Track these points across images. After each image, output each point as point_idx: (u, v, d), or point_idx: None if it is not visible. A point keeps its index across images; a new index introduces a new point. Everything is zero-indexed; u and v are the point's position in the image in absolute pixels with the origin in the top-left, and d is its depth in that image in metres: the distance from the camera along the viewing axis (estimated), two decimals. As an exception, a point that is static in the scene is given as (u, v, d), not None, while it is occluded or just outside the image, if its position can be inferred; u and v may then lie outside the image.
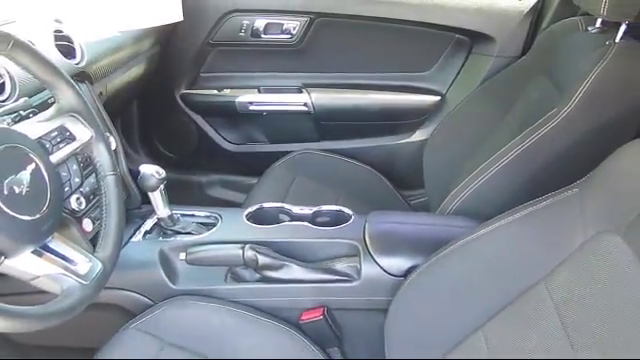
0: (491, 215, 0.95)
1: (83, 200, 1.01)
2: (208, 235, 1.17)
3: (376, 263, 1.08)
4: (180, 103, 1.93)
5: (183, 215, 1.23)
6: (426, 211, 1.64)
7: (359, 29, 1.81)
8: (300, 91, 1.89)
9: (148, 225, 1.22)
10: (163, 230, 1.20)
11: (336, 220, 1.20)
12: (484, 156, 1.23)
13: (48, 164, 0.80)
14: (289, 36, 1.81)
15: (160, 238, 1.19)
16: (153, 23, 1.40)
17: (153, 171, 1.12)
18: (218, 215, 1.23)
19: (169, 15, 1.41)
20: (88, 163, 1.02)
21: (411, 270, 1.03)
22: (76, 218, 0.99)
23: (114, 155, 0.95)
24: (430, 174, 1.65)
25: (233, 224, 1.20)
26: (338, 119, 1.92)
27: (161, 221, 1.19)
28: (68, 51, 1.23)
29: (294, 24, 1.79)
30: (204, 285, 1.12)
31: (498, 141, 1.25)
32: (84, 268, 0.81)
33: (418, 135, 1.87)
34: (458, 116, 1.65)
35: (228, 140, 2.00)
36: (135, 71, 1.61)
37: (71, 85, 0.88)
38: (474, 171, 1.22)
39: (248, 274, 1.14)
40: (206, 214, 1.25)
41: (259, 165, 1.77)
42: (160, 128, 2.01)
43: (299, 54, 1.86)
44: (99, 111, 1.25)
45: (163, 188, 1.15)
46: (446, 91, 1.86)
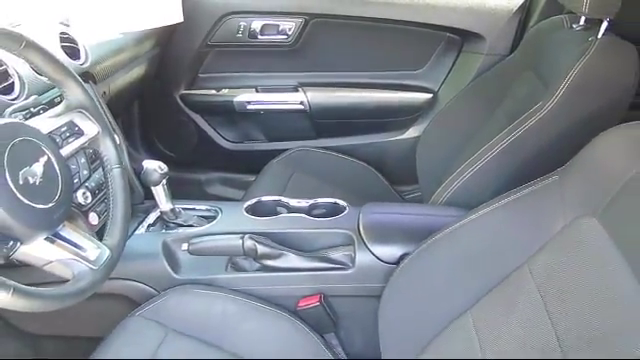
0: (480, 205, 1.00)
1: (89, 195, 1.06)
2: (209, 227, 1.21)
3: (370, 251, 1.13)
4: (180, 103, 1.97)
5: (185, 209, 1.27)
6: (420, 206, 1.69)
7: (353, 29, 1.85)
8: (296, 90, 1.94)
9: (151, 219, 1.26)
10: (166, 223, 1.25)
11: (331, 212, 1.24)
12: (474, 150, 1.28)
13: (59, 157, 0.84)
14: (285, 37, 1.86)
15: (163, 230, 1.23)
16: (155, 24, 1.45)
17: (156, 166, 1.17)
18: (218, 208, 1.28)
19: (170, 16, 1.45)
20: (95, 158, 1.07)
21: (403, 257, 1.08)
22: (82, 212, 1.03)
23: (120, 149, 1.00)
24: (423, 169, 1.70)
25: (233, 216, 1.24)
26: (333, 117, 1.96)
27: (164, 214, 1.24)
28: (73, 52, 1.28)
29: (290, 25, 1.84)
30: (205, 274, 1.16)
31: (487, 135, 1.29)
32: (93, 254, 0.85)
33: (411, 132, 1.91)
34: (449, 113, 1.70)
35: (227, 139, 2.05)
36: (136, 72, 1.66)
37: (79, 83, 0.93)
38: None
39: (248, 264, 1.18)
40: (207, 207, 1.29)
41: (257, 163, 1.81)
42: (160, 127, 2.05)
43: (295, 54, 1.90)
44: (103, 109, 1.30)
45: (165, 183, 1.20)
46: (438, 89, 1.90)
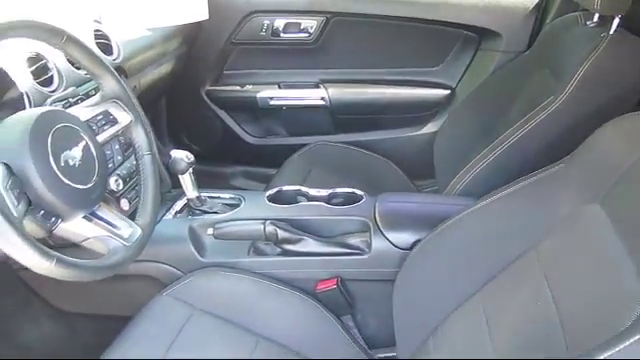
0: (490, 194, 1.04)
1: (121, 182, 1.13)
2: (233, 214, 1.28)
3: (385, 237, 1.18)
4: (205, 99, 2.04)
5: (210, 197, 1.34)
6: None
7: (373, 27, 1.90)
8: (317, 86, 2.00)
9: (178, 206, 1.33)
10: (192, 210, 1.32)
11: (349, 200, 1.29)
12: (488, 144, 1.32)
13: (95, 142, 0.92)
14: (307, 35, 1.92)
15: (189, 217, 1.30)
16: (181, 21, 1.52)
17: (183, 155, 1.24)
18: (242, 197, 1.34)
19: (195, 13, 1.52)
20: (127, 147, 1.14)
21: (417, 243, 1.12)
22: (115, 198, 1.11)
23: (150, 137, 1.07)
24: (440, 163, 1.74)
25: (255, 204, 1.30)
26: (353, 112, 2.02)
27: (190, 202, 1.31)
28: (106, 48, 1.36)
29: (311, 23, 1.90)
30: (229, 258, 1.22)
31: (502, 130, 1.33)
32: (126, 232, 0.92)
33: (429, 127, 1.96)
34: (466, 108, 1.74)
35: (250, 133, 2.12)
36: (165, 68, 1.74)
37: (114, 75, 1.00)
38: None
39: (269, 249, 1.25)
40: (231, 196, 1.36)
41: (279, 157, 1.87)
42: (187, 122, 2.12)
43: (316, 52, 1.96)
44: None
45: (192, 171, 1.27)
46: (456, 85, 1.94)
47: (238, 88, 2.05)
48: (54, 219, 0.82)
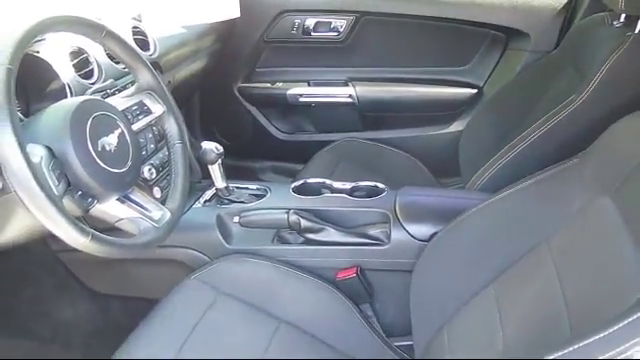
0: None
1: (154, 171, 1.19)
2: (258, 203, 1.33)
3: (404, 229, 1.21)
4: (237, 95, 2.11)
5: (237, 187, 1.40)
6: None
7: (401, 26, 1.94)
8: (346, 84, 2.04)
9: (207, 195, 1.39)
10: (220, 199, 1.37)
11: (371, 193, 1.33)
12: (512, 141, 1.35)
13: (130, 131, 0.97)
14: (336, 33, 1.96)
15: (217, 205, 1.35)
16: (214, 19, 1.59)
17: (212, 147, 1.29)
18: (267, 188, 1.39)
19: (227, 11, 1.59)
20: (160, 138, 1.20)
21: (435, 235, 1.15)
22: (148, 186, 1.17)
23: (181, 127, 1.13)
24: (465, 162, 1.76)
25: (280, 195, 1.35)
26: (381, 110, 2.06)
27: (219, 191, 1.36)
28: (143, 44, 1.43)
29: (341, 22, 1.94)
30: (254, 245, 1.27)
31: (525, 129, 1.35)
32: (157, 215, 0.98)
33: (456, 126, 1.98)
34: (492, 107, 1.76)
35: (280, 129, 2.17)
36: (198, 65, 1.80)
37: (149, 68, 1.06)
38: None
39: (292, 237, 1.29)
40: (257, 187, 1.41)
41: (307, 152, 1.91)
42: (219, 118, 2.19)
43: (345, 50, 2.00)
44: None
45: (221, 162, 1.32)
46: (483, 84, 1.96)
47: (269, 85, 2.11)
48: (90, 199, 0.87)
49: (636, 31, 1.25)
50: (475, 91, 1.96)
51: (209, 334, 1.08)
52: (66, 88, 1.07)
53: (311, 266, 1.25)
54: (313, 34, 1.97)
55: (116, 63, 1.23)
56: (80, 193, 0.86)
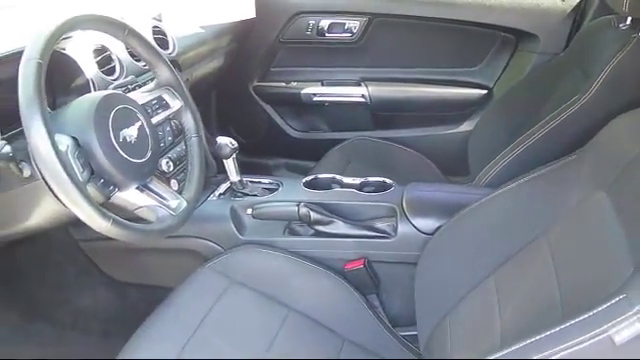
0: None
1: (172, 164, 1.25)
2: (271, 196, 1.38)
3: (410, 223, 1.25)
4: (253, 94, 2.16)
5: (251, 181, 1.45)
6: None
7: (413, 28, 1.98)
8: (359, 84, 2.08)
9: (222, 189, 1.44)
10: (234, 192, 1.42)
11: (379, 189, 1.37)
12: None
13: (150, 124, 1.03)
14: (350, 35, 2.01)
15: (231, 198, 1.40)
16: (231, 19, 1.64)
17: (227, 141, 1.35)
18: (280, 182, 1.44)
19: (244, 12, 1.64)
20: (179, 132, 1.26)
21: (440, 229, 1.19)
22: (166, 178, 1.22)
23: (198, 121, 1.19)
24: (474, 160, 1.79)
25: (292, 189, 1.40)
26: (392, 110, 2.10)
27: (233, 185, 1.42)
28: (163, 43, 1.49)
29: (355, 24, 1.99)
30: (266, 237, 1.32)
31: (532, 127, 1.39)
32: (174, 204, 1.03)
33: (466, 125, 2.01)
34: (501, 108, 1.79)
35: (294, 128, 2.22)
36: (215, 63, 1.86)
37: (168, 65, 1.12)
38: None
39: (302, 230, 1.34)
40: (270, 181, 1.46)
41: (320, 150, 1.96)
42: (234, 116, 2.24)
43: (358, 51, 2.05)
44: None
45: (235, 157, 1.37)
46: (493, 85, 1.99)
47: (284, 84, 2.15)
48: (112, 187, 0.93)
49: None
50: (485, 92, 2.00)
51: (221, 319, 1.13)
52: (90, 83, 1.13)
53: (320, 257, 1.30)
54: (327, 35, 2.02)
55: (137, 61, 1.29)
56: (102, 181, 0.91)
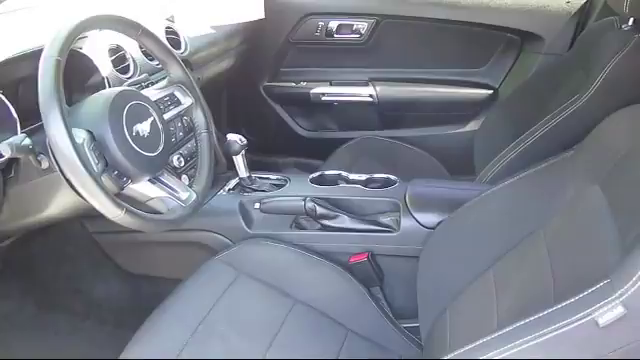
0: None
1: (182, 160, 1.30)
2: (278, 192, 1.42)
3: (413, 217, 1.29)
4: (263, 93, 2.21)
5: (259, 177, 1.49)
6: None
7: (420, 29, 2.02)
8: (367, 84, 2.12)
9: (231, 184, 1.48)
10: (243, 188, 1.46)
11: (384, 185, 1.41)
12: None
13: (162, 119, 1.08)
14: (358, 36, 2.05)
15: (240, 193, 1.44)
16: (241, 19, 1.69)
17: (237, 138, 1.39)
18: (287, 178, 1.48)
19: (253, 13, 1.69)
20: (190, 130, 1.30)
21: (441, 223, 1.23)
22: (177, 173, 1.27)
23: (208, 118, 1.23)
24: (480, 160, 1.82)
25: (299, 185, 1.44)
26: (399, 110, 2.13)
27: (242, 181, 1.46)
28: (175, 43, 1.54)
29: (363, 25, 2.03)
30: (273, 230, 1.36)
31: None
32: (184, 195, 1.08)
33: (472, 125, 2.05)
34: (505, 108, 1.82)
35: (302, 127, 2.27)
36: (226, 63, 1.90)
37: (180, 63, 1.17)
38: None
39: (309, 224, 1.38)
40: (277, 177, 1.50)
41: (328, 149, 1.99)
42: (245, 115, 2.29)
43: (366, 52, 2.09)
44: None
45: (244, 153, 1.42)
46: (499, 85, 2.03)
47: (293, 84, 2.20)
48: (125, 179, 0.98)
49: (640, 34, 1.30)
50: (491, 92, 2.03)
51: (229, 309, 1.16)
52: (105, 81, 1.18)
53: (326, 251, 1.33)
54: (336, 36, 2.06)
55: (150, 60, 1.34)
56: (116, 172, 0.96)
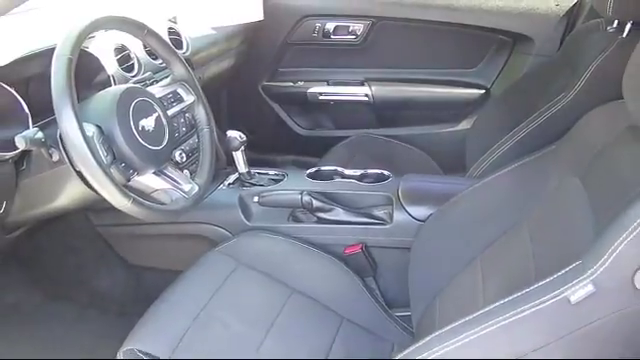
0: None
1: (185, 155, 1.36)
2: (276, 186, 1.47)
3: (405, 210, 1.34)
4: (261, 93, 2.27)
5: (258, 173, 1.54)
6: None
7: (415, 31, 2.07)
8: (362, 84, 2.18)
9: (231, 179, 1.54)
10: (242, 182, 1.52)
11: (378, 180, 1.47)
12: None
13: (166, 115, 1.13)
14: (354, 37, 2.11)
15: (240, 188, 1.50)
16: (240, 21, 1.75)
17: (236, 135, 1.45)
18: (285, 173, 1.54)
19: (252, 14, 1.74)
20: (192, 126, 1.35)
21: (431, 216, 1.28)
22: (179, 168, 1.32)
23: (209, 114, 1.29)
24: (470, 157, 1.87)
25: (296, 179, 1.50)
26: (394, 109, 2.20)
27: (241, 176, 1.51)
28: (177, 43, 1.59)
29: (359, 26, 2.09)
30: (271, 223, 1.42)
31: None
32: (187, 188, 1.13)
33: (464, 124, 2.11)
34: (496, 107, 1.87)
35: (300, 125, 2.33)
36: (226, 63, 1.96)
37: (182, 62, 1.22)
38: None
39: (305, 217, 1.44)
40: (275, 172, 1.56)
41: (326, 147, 2.04)
42: (244, 113, 2.34)
43: (362, 52, 2.15)
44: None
45: (243, 150, 1.47)
46: (491, 85, 2.09)
47: (291, 84, 2.26)
48: (131, 171, 1.03)
49: (624, 35, 1.36)
50: (483, 92, 2.09)
51: (229, 297, 1.21)
52: (110, 79, 1.24)
53: (321, 242, 1.38)
54: (332, 37, 2.12)
55: (154, 59, 1.39)
56: (123, 165, 1.01)
